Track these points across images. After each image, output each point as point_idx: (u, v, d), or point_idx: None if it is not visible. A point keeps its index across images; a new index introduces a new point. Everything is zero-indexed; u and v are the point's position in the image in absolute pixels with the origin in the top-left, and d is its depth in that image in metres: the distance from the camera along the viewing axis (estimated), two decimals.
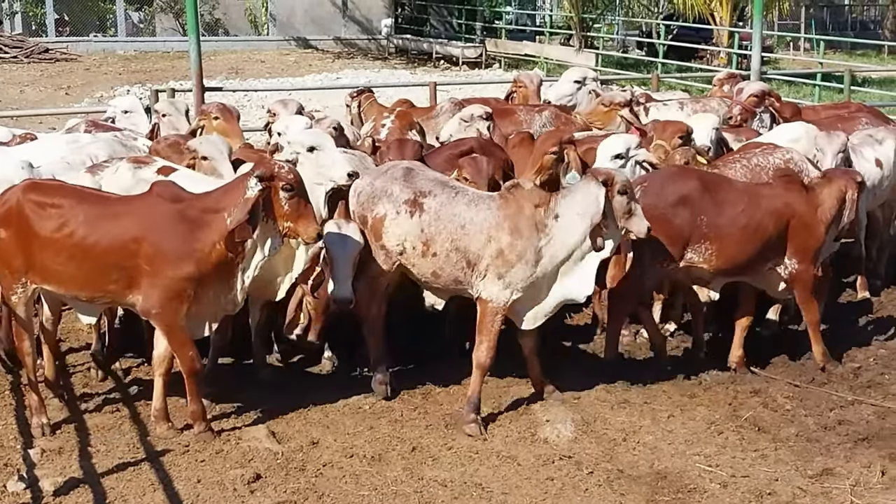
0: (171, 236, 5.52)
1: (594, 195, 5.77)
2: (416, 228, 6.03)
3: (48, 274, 5.65)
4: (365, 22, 34.17)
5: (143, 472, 5.41)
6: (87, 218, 5.56)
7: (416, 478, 5.41)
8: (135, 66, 27.62)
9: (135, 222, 5.54)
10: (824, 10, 38.79)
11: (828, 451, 5.72)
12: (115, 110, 8.56)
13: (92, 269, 5.57)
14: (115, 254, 5.52)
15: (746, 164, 7.11)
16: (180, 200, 5.64)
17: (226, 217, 5.52)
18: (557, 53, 27.92)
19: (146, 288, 5.55)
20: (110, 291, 5.65)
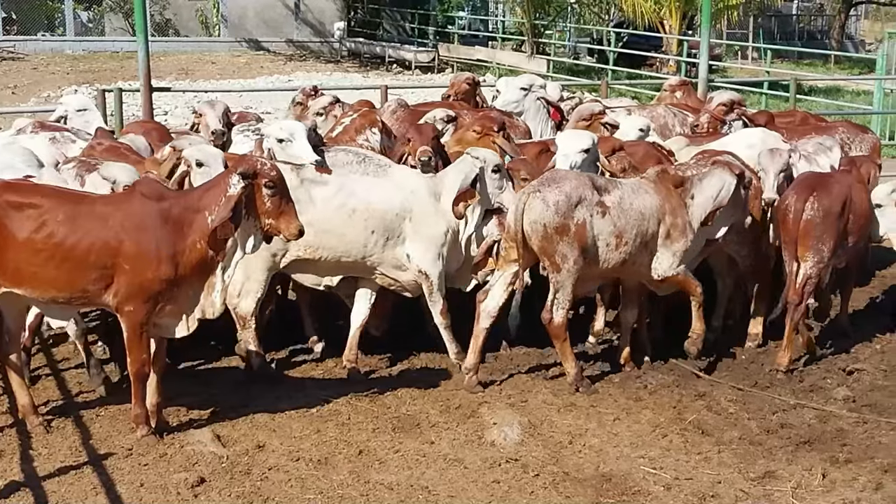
0: (153, 236, 5.46)
1: (727, 183, 6.57)
2: (608, 226, 6.44)
3: (22, 277, 5.48)
4: (317, 24, 34.05)
5: (86, 475, 5.34)
6: (68, 217, 5.45)
7: (362, 481, 5.39)
8: (83, 66, 27.28)
9: (117, 221, 5.46)
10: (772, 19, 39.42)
11: (770, 455, 5.80)
12: (67, 108, 8.33)
13: (72, 270, 5.45)
14: (97, 254, 5.43)
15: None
16: (163, 199, 5.58)
17: (207, 216, 5.50)
18: (509, 59, 28.07)
19: (122, 286, 5.47)
20: (88, 292, 5.55)
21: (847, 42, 37.82)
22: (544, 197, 6.34)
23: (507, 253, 6.56)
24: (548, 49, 30.08)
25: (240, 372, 6.90)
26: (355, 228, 6.58)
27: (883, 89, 17.29)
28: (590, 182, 6.51)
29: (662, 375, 6.90)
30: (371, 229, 6.61)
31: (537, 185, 6.45)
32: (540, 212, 6.32)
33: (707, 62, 13.00)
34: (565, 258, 6.36)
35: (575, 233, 6.34)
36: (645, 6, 25.16)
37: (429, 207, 6.74)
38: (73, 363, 6.99)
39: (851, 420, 6.24)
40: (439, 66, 29.12)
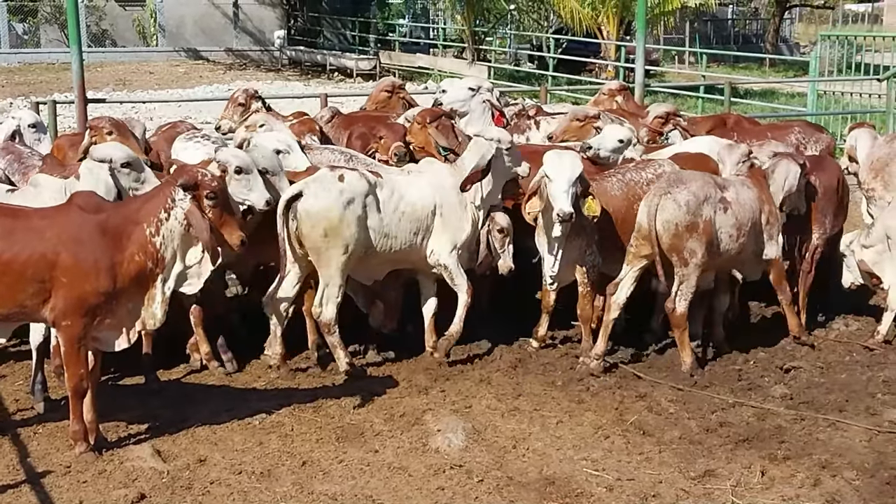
0: (90, 249, 5.38)
1: (793, 171, 7.21)
2: (730, 220, 6.94)
3: None
4: (257, 33, 33.90)
5: (23, 493, 5.25)
6: (4, 231, 5.35)
7: (306, 492, 5.36)
8: (18, 77, 26.88)
9: (53, 234, 5.38)
10: (708, 24, 39.98)
11: (710, 453, 5.87)
12: (20, 123, 8.13)
13: (9, 285, 5.35)
14: (34, 267, 5.34)
15: (622, 179, 7.28)
16: (100, 211, 5.51)
17: (145, 228, 5.46)
18: (451, 66, 28.16)
19: (59, 300, 5.39)
20: (26, 307, 5.45)
21: (782, 45, 38.48)
22: (675, 197, 6.79)
23: (638, 249, 6.93)
24: (488, 56, 30.27)
25: (179, 386, 6.83)
26: (405, 228, 6.95)
27: (816, 91, 17.61)
28: (712, 180, 7.01)
29: (605, 377, 6.95)
30: (414, 228, 6.99)
31: (666, 187, 6.86)
32: (672, 211, 6.77)
33: (643, 67, 13.16)
34: (693, 253, 6.82)
35: (703, 229, 6.82)
36: (583, 12, 25.41)
37: (454, 199, 7.09)
38: (9, 380, 6.87)
39: (789, 417, 6.34)
40: (381, 74, 29.07)
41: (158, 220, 5.48)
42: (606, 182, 7.19)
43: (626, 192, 7.21)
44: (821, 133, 9.40)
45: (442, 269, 7.13)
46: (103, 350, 5.72)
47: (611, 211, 7.09)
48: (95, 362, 5.72)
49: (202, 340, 7.03)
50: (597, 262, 7.10)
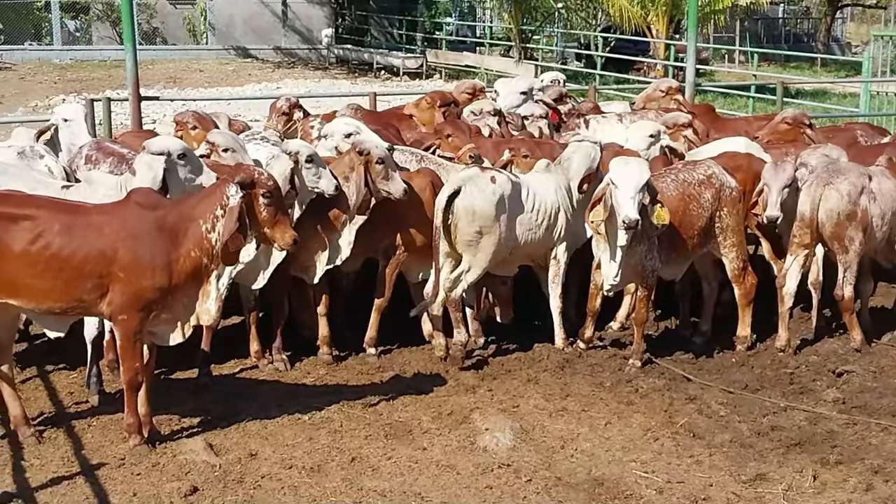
0: (148, 245, 5.47)
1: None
2: (878, 209, 7.25)
3: (17, 288, 5.47)
4: (305, 32, 34.10)
5: (78, 486, 5.34)
6: (64, 228, 5.45)
7: (355, 488, 5.40)
8: (71, 75, 27.27)
9: (112, 230, 5.47)
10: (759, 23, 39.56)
11: (761, 457, 5.82)
12: (56, 118, 8.23)
13: (68, 280, 5.45)
14: (92, 263, 5.44)
15: (675, 179, 7.23)
16: (158, 208, 5.60)
17: (202, 224, 5.53)
18: (497, 64, 28.12)
19: (117, 295, 5.48)
20: (84, 301, 5.54)
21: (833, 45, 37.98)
22: (837, 187, 7.11)
23: (801, 238, 7.19)
24: (535, 54, 30.16)
25: (230, 381, 6.90)
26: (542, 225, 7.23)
27: (869, 91, 17.37)
28: (864, 172, 7.29)
29: (653, 379, 6.92)
30: (547, 225, 7.26)
31: (827, 178, 7.17)
32: (836, 201, 7.10)
33: (694, 66, 13.08)
34: (852, 241, 7.15)
35: (860, 218, 7.14)
36: (632, 11, 25.23)
37: (570, 199, 7.34)
38: (64, 373, 6.98)
39: (842, 422, 6.27)
40: (427, 73, 29.19)
41: (214, 216, 5.55)
42: (661, 183, 7.14)
43: (680, 192, 7.16)
44: (883, 135, 9.27)
45: (554, 265, 7.39)
46: (158, 344, 5.80)
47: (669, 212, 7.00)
48: (150, 356, 5.80)
49: (254, 339, 7.11)
50: (656, 266, 7.02)
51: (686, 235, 7.14)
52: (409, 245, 7.20)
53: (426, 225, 7.12)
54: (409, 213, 7.11)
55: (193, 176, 6.37)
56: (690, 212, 7.14)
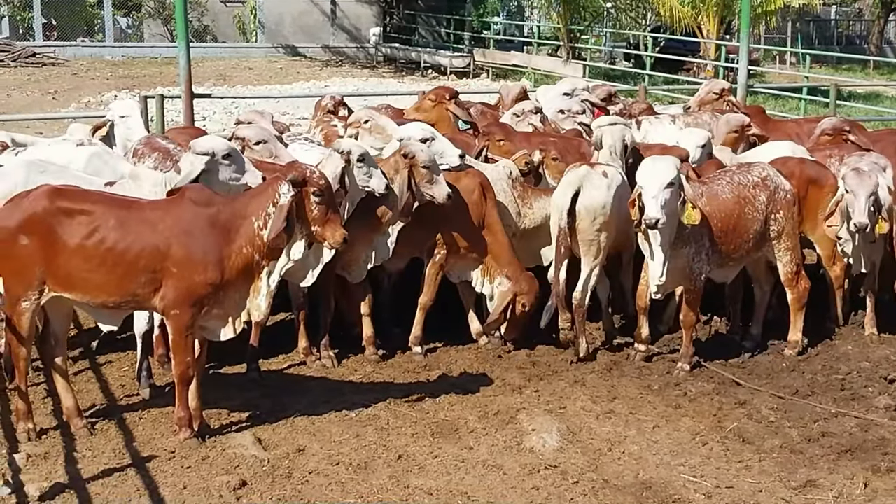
0: (200, 241, 5.54)
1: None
2: None
3: (73, 282, 5.57)
4: (353, 30, 34.25)
5: (129, 477, 5.40)
6: (119, 223, 5.53)
7: (401, 486, 5.41)
8: (122, 71, 27.60)
9: (166, 226, 5.54)
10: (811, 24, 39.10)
11: (811, 463, 5.75)
12: (112, 114, 8.32)
13: (122, 275, 5.53)
14: (146, 258, 5.52)
15: (730, 182, 7.15)
16: (211, 204, 5.66)
17: (254, 221, 5.58)
18: (545, 64, 28.05)
19: (170, 290, 5.55)
20: (138, 296, 5.62)
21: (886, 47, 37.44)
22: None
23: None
24: (584, 54, 30.05)
25: (278, 376, 6.95)
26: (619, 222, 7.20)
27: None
28: None
29: (702, 383, 6.86)
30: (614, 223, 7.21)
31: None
32: None
33: (746, 67, 12.95)
34: None
35: None
36: (682, 11, 25.05)
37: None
38: (116, 366, 7.07)
39: (893, 429, 6.17)
40: (474, 72, 29.18)
41: (266, 213, 5.60)
42: (717, 185, 7.08)
43: (735, 194, 7.08)
44: None
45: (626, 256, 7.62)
46: (210, 339, 5.87)
47: (721, 215, 6.97)
48: (201, 351, 5.87)
49: (302, 336, 7.16)
50: (704, 269, 6.94)
51: (739, 239, 7.07)
52: (453, 245, 7.20)
53: (472, 226, 7.12)
54: (455, 213, 7.10)
55: (238, 175, 6.40)
56: (745, 215, 7.06)
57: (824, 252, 7.72)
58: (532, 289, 7.16)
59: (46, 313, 5.89)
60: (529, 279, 7.19)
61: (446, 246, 7.20)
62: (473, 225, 7.13)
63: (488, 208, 7.18)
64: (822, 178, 7.64)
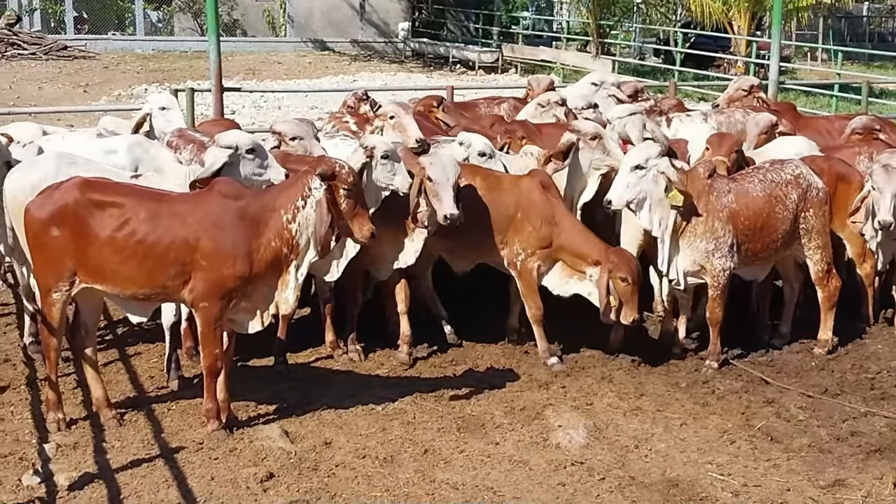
0: (230, 234, 5.57)
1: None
2: None
3: (103, 273, 5.62)
4: (382, 25, 34.26)
5: (157, 468, 5.45)
6: (149, 215, 5.57)
7: (427, 480, 5.42)
8: (153, 65, 27.75)
9: (195, 219, 5.58)
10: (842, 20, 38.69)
11: (840, 463, 5.71)
12: (151, 107, 8.33)
13: (152, 267, 5.57)
14: (176, 251, 5.55)
15: (763, 179, 7.08)
16: (240, 198, 5.69)
17: (282, 214, 5.61)
18: (574, 59, 27.91)
19: (199, 282, 5.59)
20: (167, 288, 5.67)
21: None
22: None
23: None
24: (613, 49, 29.89)
25: (305, 369, 6.97)
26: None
27: None
28: None
29: (730, 381, 6.83)
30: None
31: None
32: None
33: (778, 64, 12.83)
34: None
35: None
36: (713, 6, 24.87)
37: None
38: (144, 357, 7.12)
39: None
40: (503, 67, 29.11)
41: (295, 207, 5.62)
42: (748, 183, 7.02)
43: (767, 193, 7.02)
44: None
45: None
46: (238, 332, 5.89)
47: (749, 212, 6.91)
48: (229, 343, 5.90)
49: (329, 330, 7.18)
50: (727, 265, 6.84)
51: (768, 237, 7.02)
52: (528, 249, 7.01)
53: (541, 226, 6.96)
54: (521, 216, 7.00)
55: (261, 171, 6.39)
56: (775, 213, 6.99)
57: (854, 250, 7.65)
58: (624, 259, 6.76)
59: (77, 304, 5.94)
60: (618, 252, 6.86)
61: (523, 252, 7.03)
62: (542, 225, 6.97)
63: (554, 205, 7.01)
64: (850, 175, 7.58)
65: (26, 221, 5.72)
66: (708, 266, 6.85)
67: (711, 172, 6.89)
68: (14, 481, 5.24)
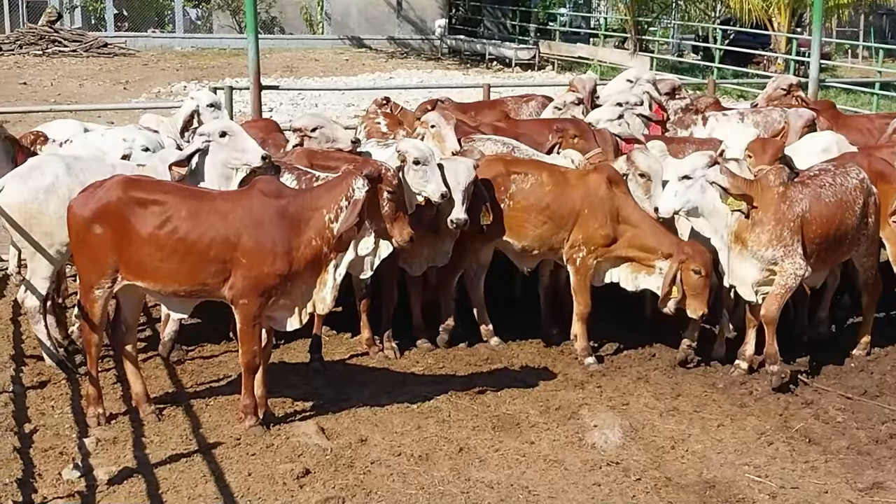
0: (270, 232, 5.63)
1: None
2: None
3: (145, 270, 5.69)
4: (419, 22, 34.28)
5: (196, 463, 5.50)
6: (191, 213, 5.64)
7: (462, 478, 5.43)
8: (192, 62, 27.97)
9: (236, 217, 5.64)
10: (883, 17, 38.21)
11: (879, 465, 5.66)
12: (199, 104, 8.35)
13: (193, 264, 5.64)
14: (217, 248, 5.62)
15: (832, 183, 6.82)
16: (281, 196, 5.75)
17: (325, 214, 5.67)
18: (611, 56, 27.78)
19: (239, 279, 5.65)
20: (208, 285, 5.73)
21: None
22: None
23: None
24: (651, 46, 29.70)
25: (341, 366, 7.01)
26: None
27: None
28: None
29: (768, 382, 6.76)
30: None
31: None
32: None
33: (818, 61, 12.67)
34: None
35: None
36: (753, 3, 24.62)
37: None
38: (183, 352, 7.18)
39: None
40: (540, 64, 29.04)
41: (338, 207, 5.69)
42: (820, 188, 6.76)
43: (839, 199, 6.78)
44: None
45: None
46: (276, 329, 5.94)
47: (822, 220, 6.67)
48: (268, 340, 5.94)
49: (365, 326, 7.21)
50: (800, 272, 6.56)
51: (838, 244, 6.82)
52: (591, 245, 6.98)
53: (606, 223, 6.93)
54: (586, 212, 6.96)
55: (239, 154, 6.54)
56: (846, 220, 6.77)
57: (893, 249, 7.53)
58: (698, 252, 6.64)
59: (118, 301, 6.01)
60: (692, 244, 6.78)
61: (584, 248, 7.00)
62: (608, 221, 6.93)
63: (621, 201, 6.96)
64: (890, 174, 7.44)
65: (69, 219, 5.82)
66: (778, 269, 6.58)
67: (785, 180, 6.64)
68: (54, 475, 5.31)
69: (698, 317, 6.75)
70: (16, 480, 5.17)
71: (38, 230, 6.47)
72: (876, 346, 7.36)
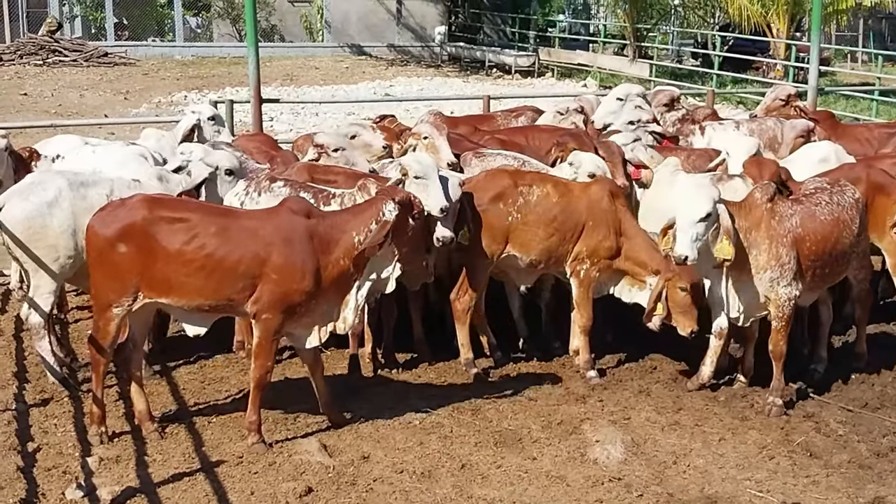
0: (299, 250, 5.70)
1: None
2: None
3: (169, 287, 5.72)
4: (419, 29, 34.34)
5: (198, 482, 5.51)
6: (219, 230, 5.70)
7: (465, 496, 5.44)
8: (192, 71, 28.00)
9: (266, 234, 5.71)
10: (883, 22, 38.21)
11: (880, 479, 5.67)
12: (200, 118, 8.40)
13: (220, 279, 5.69)
14: (246, 264, 5.68)
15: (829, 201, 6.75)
16: (310, 216, 5.84)
17: (354, 236, 5.78)
18: (611, 63, 27.80)
19: (265, 295, 5.71)
20: (233, 300, 5.78)
21: None
22: None
23: None
24: (650, 53, 29.72)
25: (342, 381, 7.01)
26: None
27: None
28: None
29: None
30: None
31: None
32: None
33: (817, 67, 12.68)
34: None
35: None
36: (751, 9, 24.68)
37: None
38: (185, 369, 7.20)
39: None
40: (539, 71, 29.08)
41: (368, 230, 5.78)
42: (814, 206, 6.68)
43: (835, 217, 6.70)
44: None
45: None
46: (296, 346, 6.01)
47: (817, 238, 6.57)
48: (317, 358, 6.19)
49: (367, 340, 7.22)
50: (793, 294, 6.48)
51: (834, 262, 6.74)
52: (594, 258, 6.98)
53: (607, 235, 6.94)
54: (591, 223, 6.98)
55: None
56: (842, 239, 6.70)
57: (893, 259, 7.52)
58: (685, 269, 6.44)
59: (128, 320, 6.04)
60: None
61: (588, 260, 7.00)
62: (611, 233, 6.95)
63: (621, 214, 7.00)
64: (889, 185, 7.44)
65: (89, 238, 5.85)
66: (773, 296, 6.45)
67: (772, 196, 6.51)
68: (58, 495, 5.32)
69: (688, 334, 6.72)
70: (20, 500, 5.18)
71: (43, 245, 6.49)
72: (876, 358, 7.35)
